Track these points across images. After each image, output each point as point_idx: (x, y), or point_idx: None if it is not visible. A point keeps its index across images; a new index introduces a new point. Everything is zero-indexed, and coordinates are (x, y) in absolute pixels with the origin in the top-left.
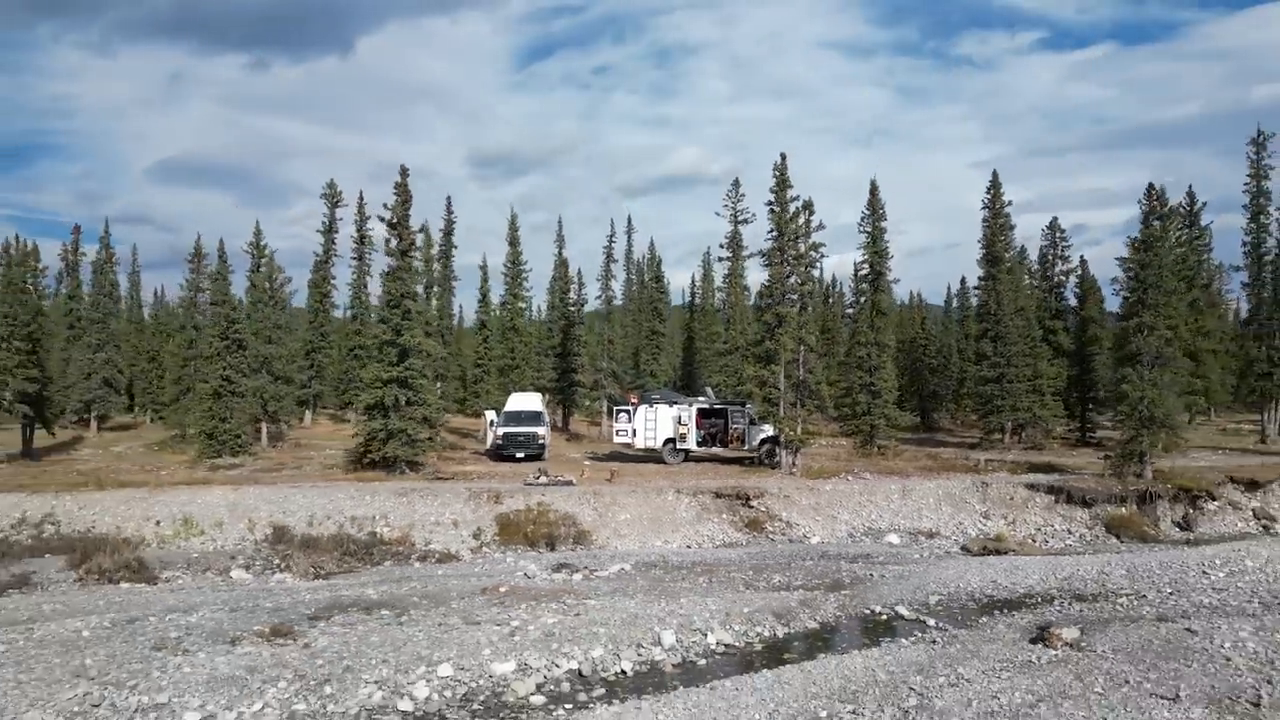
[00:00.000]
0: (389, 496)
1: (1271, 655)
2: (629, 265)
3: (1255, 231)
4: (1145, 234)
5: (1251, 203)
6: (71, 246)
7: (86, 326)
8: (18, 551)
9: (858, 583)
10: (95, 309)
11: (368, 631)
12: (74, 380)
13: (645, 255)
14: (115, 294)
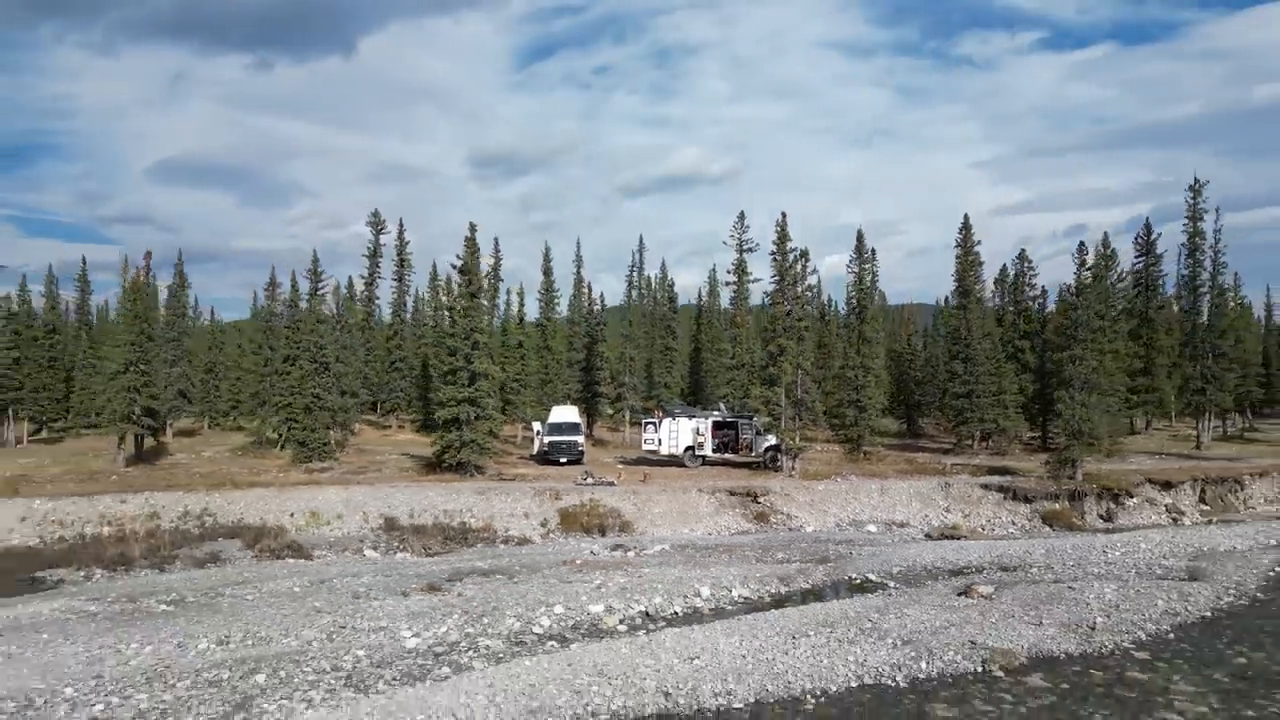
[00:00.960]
0: (470, 494)
1: (1119, 601)
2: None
3: (1192, 266)
4: (1077, 283)
5: (1189, 240)
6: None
7: (163, 344)
8: (193, 537)
9: (840, 559)
10: (170, 328)
11: (496, 587)
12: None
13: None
14: (186, 313)
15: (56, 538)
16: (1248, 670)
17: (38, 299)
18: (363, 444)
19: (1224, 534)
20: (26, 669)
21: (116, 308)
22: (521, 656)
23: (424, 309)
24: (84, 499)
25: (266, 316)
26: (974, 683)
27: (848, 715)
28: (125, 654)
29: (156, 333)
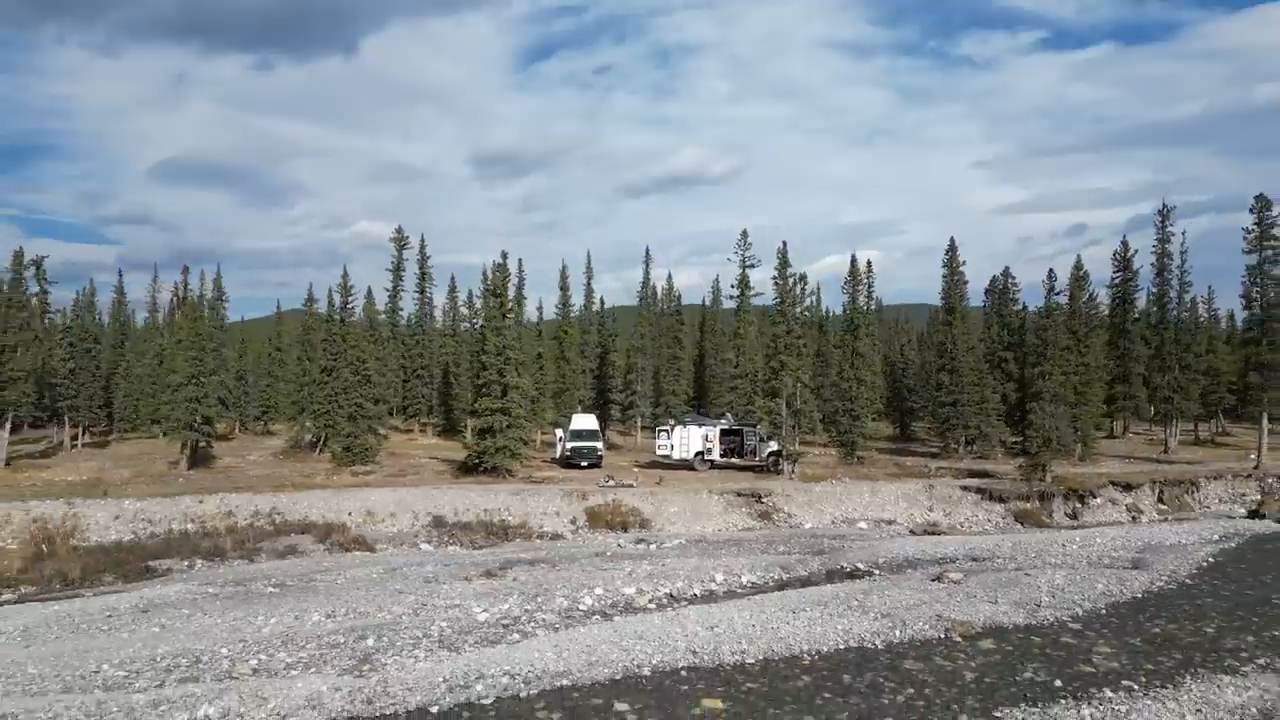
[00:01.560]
0: (505, 494)
1: (1065, 585)
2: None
3: (1160, 284)
4: (1047, 305)
5: (1157, 261)
6: (182, 284)
7: (203, 355)
8: (268, 533)
9: (834, 551)
10: (210, 339)
11: (542, 574)
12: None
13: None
14: (224, 325)
15: (149, 534)
16: (1159, 637)
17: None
18: (392, 448)
19: (1173, 530)
20: (184, 636)
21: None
22: (574, 627)
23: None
24: (167, 499)
25: (305, 331)
26: (937, 646)
27: (837, 669)
28: (256, 624)
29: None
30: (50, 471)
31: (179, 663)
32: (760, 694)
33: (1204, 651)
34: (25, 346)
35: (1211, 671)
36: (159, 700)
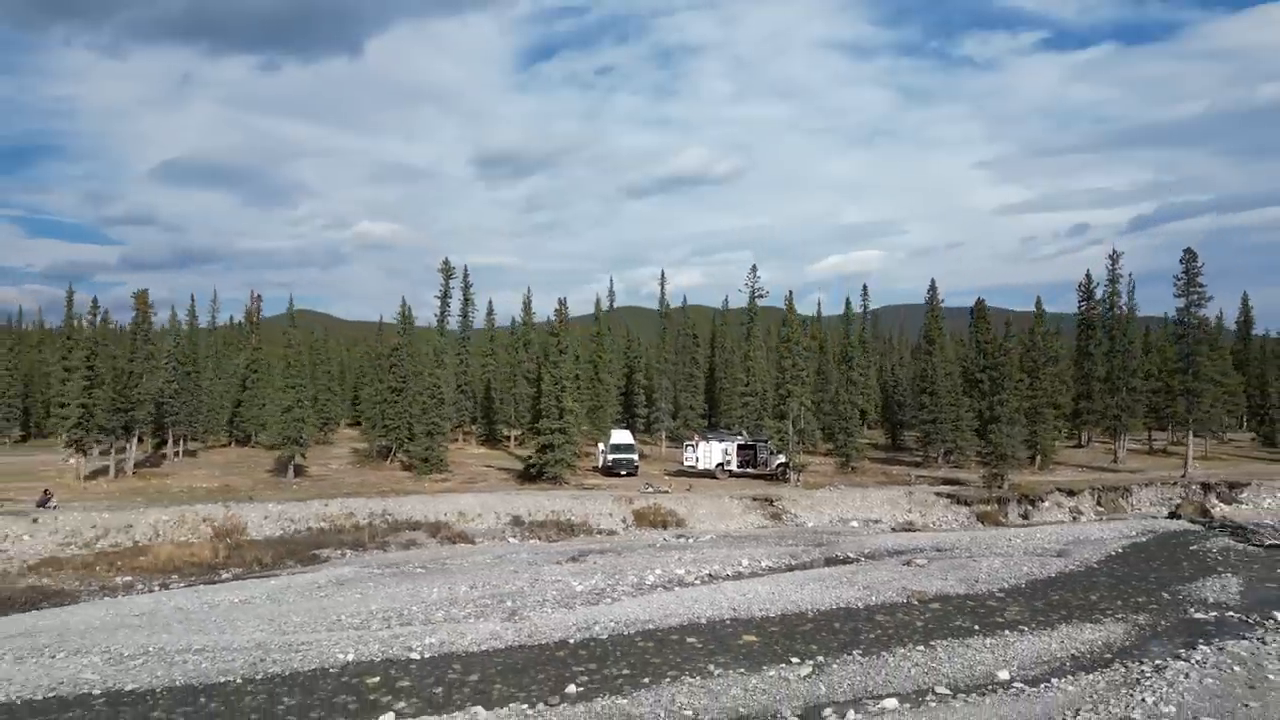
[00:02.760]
0: (566, 498)
1: (1000, 568)
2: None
3: (1112, 318)
4: (1003, 342)
5: (1108, 298)
6: (255, 309)
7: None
8: (388, 529)
9: (830, 543)
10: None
11: (612, 559)
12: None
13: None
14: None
15: (293, 531)
16: (1055, 602)
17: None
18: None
19: (1101, 528)
20: (380, 599)
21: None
22: (646, 594)
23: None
24: (299, 503)
25: (376, 356)
26: (900, 607)
27: (830, 620)
28: (426, 592)
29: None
30: (172, 479)
31: (389, 615)
32: (779, 634)
33: (1083, 610)
34: (149, 373)
35: (1081, 621)
36: (393, 635)
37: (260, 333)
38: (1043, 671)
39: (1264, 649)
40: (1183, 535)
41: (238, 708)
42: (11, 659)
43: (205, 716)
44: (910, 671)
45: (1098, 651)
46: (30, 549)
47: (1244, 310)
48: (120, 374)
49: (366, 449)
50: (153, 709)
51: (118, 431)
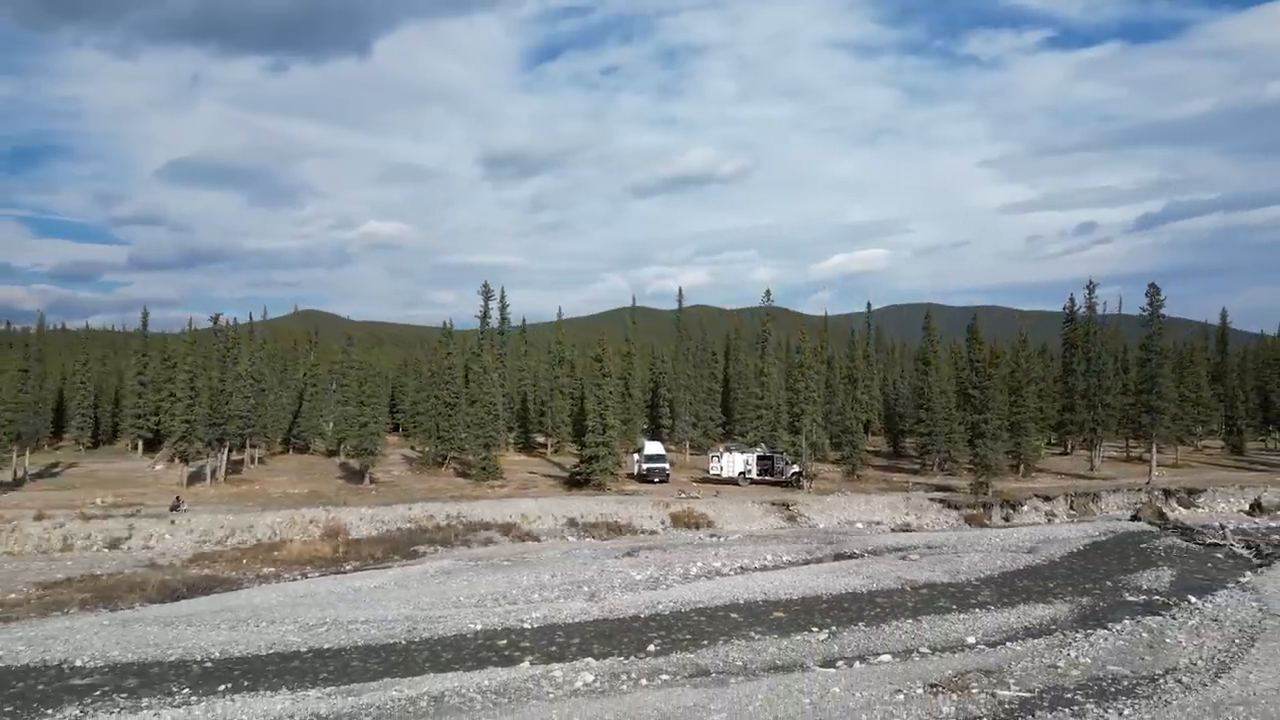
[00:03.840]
0: (611, 503)
1: (978, 562)
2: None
3: (1087, 346)
4: (986, 368)
5: (1085, 326)
6: (311, 334)
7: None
8: (464, 530)
9: (839, 542)
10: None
11: (660, 554)
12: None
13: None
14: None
15: (386, 531)
16: (1020, 588)
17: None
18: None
19: (1070, 529)
20: (483, 586)
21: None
22: (692, 582)
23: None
24: (385, 507)
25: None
26: (895, 591)
27: (840, 601)
28: (518, 580)
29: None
30: (259, 485)
31: (495, 597)
32: (801, 611)
33: (1040, 594)
34: (239, 392)
35: (1036, 602)
36: (505, 611)
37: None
38: (1000, 637)
39: (1170, 623)
40: (1138, 535)
41: (412, 660)
42: (227, 627)
43: (390, 665)
44: (900, 637)
45: (1045, 624)
46: (173, 546)
47: (1222, 325)
48: (216, 393)
49: (420, 456)
50: (349, 662)
51: (213, 443)
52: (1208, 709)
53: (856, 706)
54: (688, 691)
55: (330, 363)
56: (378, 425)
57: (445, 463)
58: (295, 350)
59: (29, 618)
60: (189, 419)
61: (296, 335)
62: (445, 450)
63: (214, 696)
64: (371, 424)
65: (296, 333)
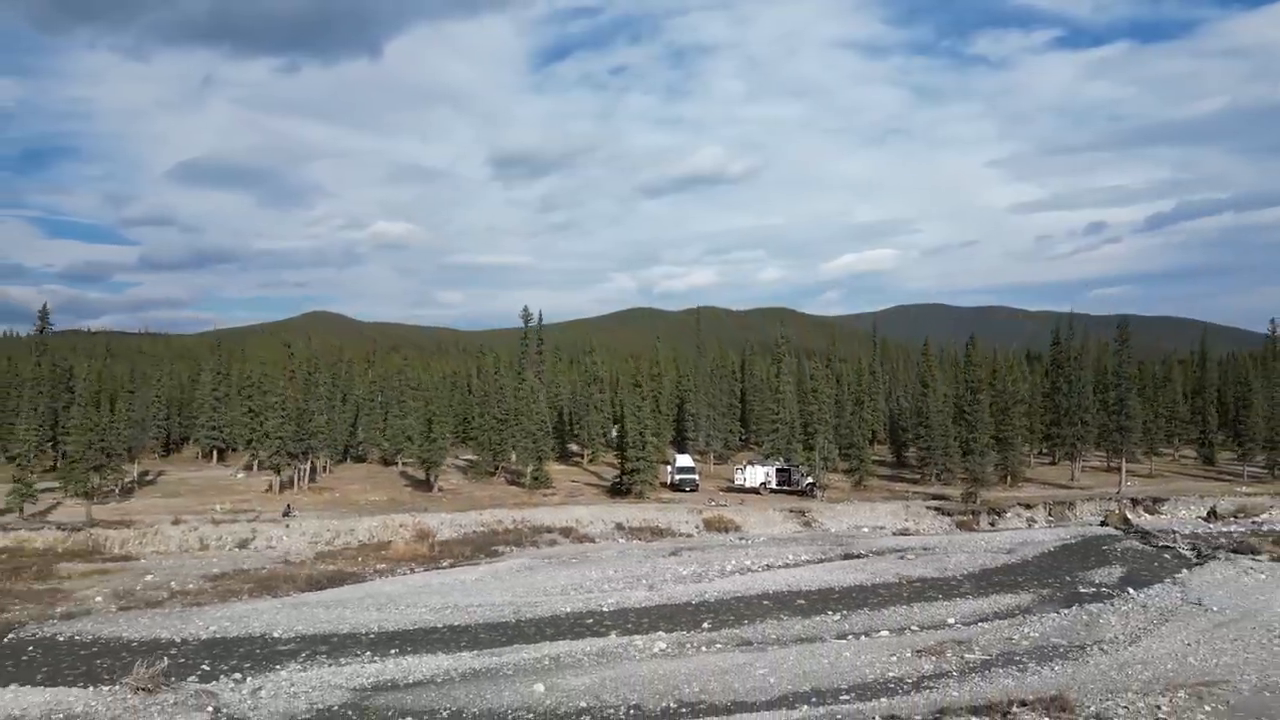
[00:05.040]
0: (652, 510)
1: (964, 561)
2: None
3: (1068, 369)
4: (973, 392)
5: (1068, 352)
6: (372, 355)
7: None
8: (529, 532)
9: (848, 544)
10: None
11: (700, 554)
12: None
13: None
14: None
15: (464, 533)
16: (995, 582)
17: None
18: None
19: (1045, 534)
20: (561, 578)
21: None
22: (729, 577)
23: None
24: (460, 513)
25: (482, 393)
26: (894, 584)
27: (850, 591)
28: (587, 574)
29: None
30: (338, 492)
31: (573, 588)
32: (819, 599)
33: (1010, 587)
34: (320, 412)
35: (1006, 593)
36: (584, 598)
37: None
38: (974, 619)
39: (1107, 608)
40: (1103, 539)
41: (525, 633)
42: (374, 609)
43: (511, 637)
44: (896, 619)
45: (1010, 609)
46: (292, 546)
47: (1203, 346)
48: (301, 412)
49: (475, 465)
50: (477, 635)
51: (299, 455)
52: (1115, 666)
53: (862, 665)
54: (737, 655)
55: (383, 376)
56: (444, 441)
57: (496, 472)
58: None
59: (214, 603)
60: (281, 435)
61: (309, 336)
62: (497, 461)
63: (390, 657)
64: (440, 440)
65: (307, 333)
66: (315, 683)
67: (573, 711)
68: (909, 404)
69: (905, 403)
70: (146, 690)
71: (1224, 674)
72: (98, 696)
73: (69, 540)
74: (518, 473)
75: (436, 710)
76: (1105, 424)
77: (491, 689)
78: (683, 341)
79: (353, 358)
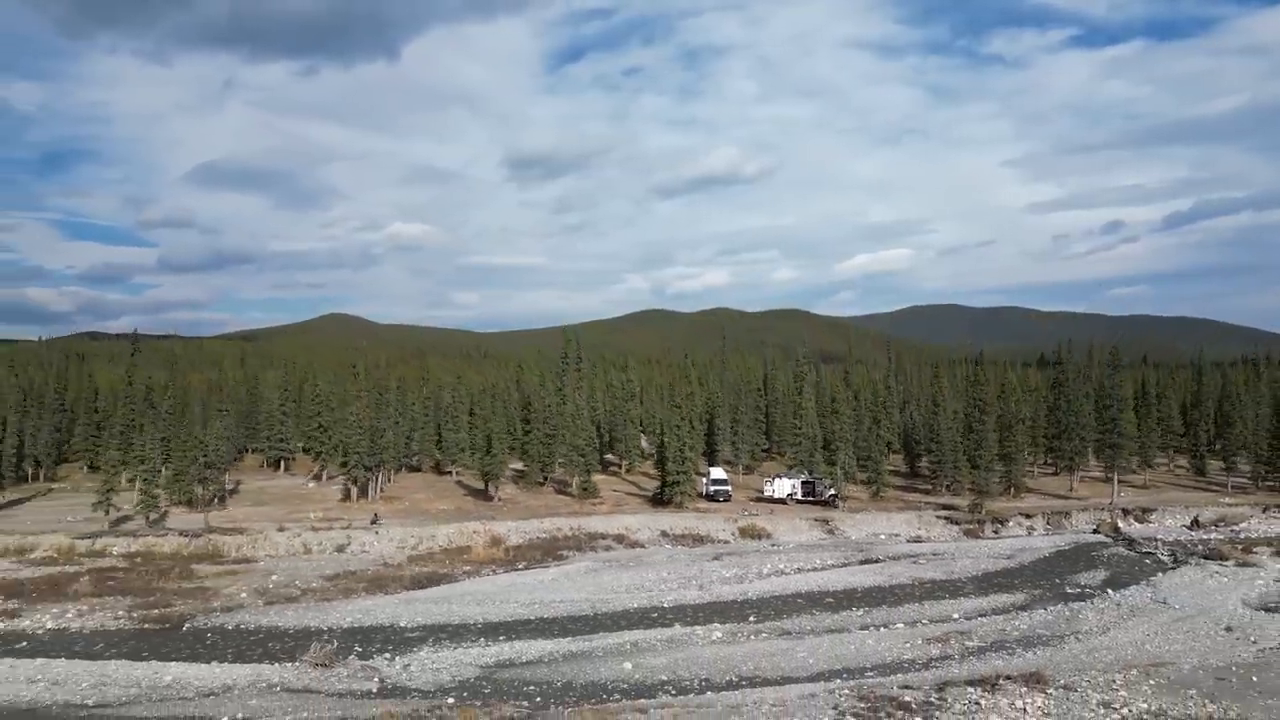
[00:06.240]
0: (692, 519)
1: (969, 565)
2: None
3: (1066, 388)
4: (979, 410)
5: (1061, 376)
6: (419, 380)
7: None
8: (586, 538)
9: (867, 550)
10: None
11: (738, 559)
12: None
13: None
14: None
15: (529, 539)
16: (995, 583)
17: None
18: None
19: (1042, 540)
20: (625, 578)
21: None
22: (767, 579)
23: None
24: (523, 521)
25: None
26: (908, 585)
27: (871, 592)
28: (645, 576)
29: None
30: (406, 501)
31: (635, 587)
32: (844, 597)
33: (1007, 588)
34: (391, 428)
35: (1004, 592)
36: (646, 595)
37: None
38: (975, 614)
39: (1087, 606)
40: (1094, 545)
41: (603, 624)
42: (474, 604)
43: (593, 627)
44: (909, 614)
45: (1005, 606)
46: (384, 551)
47: (1199, 356)
48: (374, 429)
49: (524, 475)
50: (565, 625)
51: (372, 468)
52: (1085, 651)
53: (882, 650)
54: (780, 642)
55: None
56: (503, 455)
57: (545, 482)
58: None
59: (339, 599)
60: (359, 450)
61: (329, 337)
62: (545, 472)
63: (500, 642)
64: (500, 455)
65: (327, 334)
66: (449, 661)
67: (656, 683)
68: (921, 418)
69: (918, 416)
70: (324, 665)
71: (1171, 657)
72: (286, 670)
73: (191, 545)
74: (563, 482)
75: (551, 682)
76: (1101, 440)
77: (589, 666)
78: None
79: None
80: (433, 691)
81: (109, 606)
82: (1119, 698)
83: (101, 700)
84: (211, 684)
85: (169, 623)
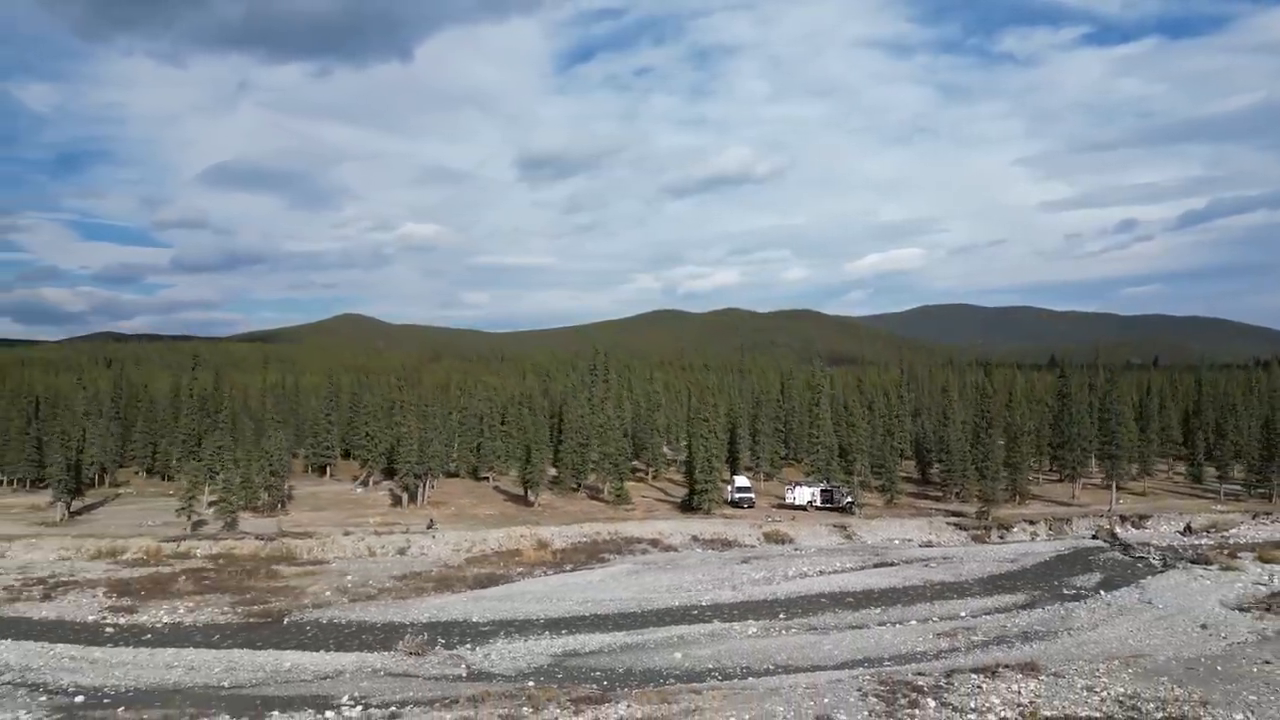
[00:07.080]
0: (719, 524)
1: (975, 568)
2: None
3: (1071, 403)
4: (987, 422)
5: (1060, 394)
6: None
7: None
8: (622, 542)
9: (883, 554)
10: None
11: (765, 562)
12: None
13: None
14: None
15: (572, 543)
16: (999, 585)
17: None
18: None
19: (1043, 545)
20: (665, 579)
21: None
22: (793, 580)
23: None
24: (564, 525)
25: (556, 417)
26: (920, 586)
27: (887, 593)
28: (681, 578)
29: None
30: (451, 507)
31: (674, 588)
32: (862, 597)
33: (1010, 589)
34: (438, 439)
35: (1007, 593)
36: (685, 595)
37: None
38: (980, 612)
39: (1081, 605)
40: (1092, 550)
41: (649, 620)
42: (534, 602)
43: (641, 623)
44: (922, 612)
45: (1008, 605)
46: (441, 553)
47: (1199, 365)
48: (424, 440)
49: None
50: (618, 620)
51: (420, 475)
52: (1075, 644)
53: (897, 643)
54: (808, 636)
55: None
56: (542, 464)
57: (579, 488)
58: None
59: (413, 597)
60: (409, 460)
61: (345, 338)
62: (578, 479)
63: (562, 636)
64: (539, 465)
65: (343, 334)
66: (523, 651)
67: (704, 670)
68: (932, 427)
69: (929, 425)
70: (417, 654)
71: (1149, 650)
72: (385, 658)
73: (267, 548)
74: (595, 488)
75: (614, 669)
76: (1102, 450)
77: (644, 656)
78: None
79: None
80: (514, 676)
81: (212, 603)
82: (1100, 683)
83: (235, 683)
84: (324, 669)
85: (270, 617)
